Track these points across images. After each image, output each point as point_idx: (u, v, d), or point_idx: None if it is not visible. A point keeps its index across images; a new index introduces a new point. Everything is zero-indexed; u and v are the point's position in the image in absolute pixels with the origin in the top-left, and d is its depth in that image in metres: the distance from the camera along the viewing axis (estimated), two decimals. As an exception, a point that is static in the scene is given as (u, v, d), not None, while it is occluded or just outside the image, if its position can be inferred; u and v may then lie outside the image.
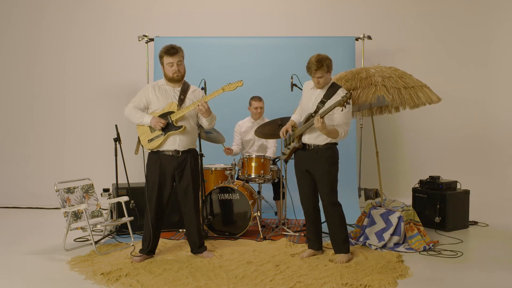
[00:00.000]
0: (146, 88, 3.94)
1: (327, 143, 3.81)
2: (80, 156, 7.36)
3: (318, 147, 3.82)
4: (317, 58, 3.73)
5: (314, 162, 3.83)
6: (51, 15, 7.36)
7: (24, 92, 7.41)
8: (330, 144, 3.83)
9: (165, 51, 3.79)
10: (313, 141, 3.83)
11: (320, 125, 3.58)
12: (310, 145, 3.85)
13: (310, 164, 3.85)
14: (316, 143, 3.82)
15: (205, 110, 3.76)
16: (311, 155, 3.84)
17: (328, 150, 3.82)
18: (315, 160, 3.82)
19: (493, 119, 7.29)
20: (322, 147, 3.81)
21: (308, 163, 3.87)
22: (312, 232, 4.02)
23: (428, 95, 4.54)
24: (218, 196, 4.73)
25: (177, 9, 7.23)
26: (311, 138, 3.84)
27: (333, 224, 3.87)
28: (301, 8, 7.21)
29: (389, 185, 6.68)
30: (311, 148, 3.84)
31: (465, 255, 4.05)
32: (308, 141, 3.85)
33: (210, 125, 3.97)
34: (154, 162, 3.88)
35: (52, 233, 4.86)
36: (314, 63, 3.72)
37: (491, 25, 7.25)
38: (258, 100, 5.36)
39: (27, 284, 3.38)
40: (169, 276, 3.44)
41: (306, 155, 3.88)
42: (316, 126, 3.61)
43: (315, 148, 3.83)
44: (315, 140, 3.82)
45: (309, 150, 3.85)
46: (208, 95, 3.82)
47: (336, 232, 3.87)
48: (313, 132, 3.81)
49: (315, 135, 3.81)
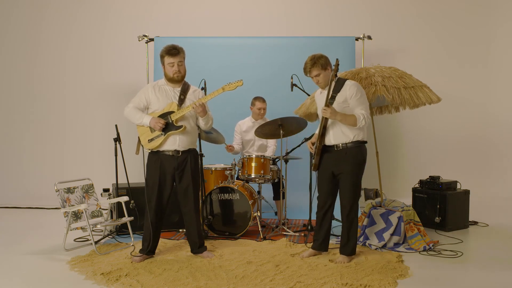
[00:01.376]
0: (146, 88, 3.94)
1: (356, 141, 3.70)
2: (80, 156, 7.37)
3: (347, 146, 3.70)
4: (310, 58, 3.76)
5: (341, 162, 3.72)
6: (51, 15, 7.36)
7: (25, 92, 7.41)
8: (359, 143, 3.73)
9: (167, 51, 3.79)
10: (339, 140, 3.71)
11: (329, 113, 3.53)
12: (338, 145, 3.73)
13: (336, 165, 3.75)
14: (343, 141, 3.70)
15: (202, 110, 3.76)
16: (339, 156, 3.72)
17: (356, 149, 3.72)
18: (343, 160, 3.72)
19: (493, 119, 7.29)
20: (350, 146, 3.71)
21: (334, 164, 3.76)
22: (321, 234, 3.95)
23: (428, 95, 4.54)
24: (218, 196, 4.73)
25: (177, 9, 7.24)
26: (336, 136, 3.73)
27: (349, 229, 3.81)
28: (301, 8, 7.21)
29: (389, 185, 6.68)
30: (340, 148, 3.73)
31: (465, 255, 4.05)
32: (335, 141, 3.74)
33: (206, 126, 3.95)
34: (154, 162, 3.88)
35: (52, 233, 4.86)
36: (308, 62, 3.75)
37: (491, 25, 7.25)
38: (262, 101, 5.36)
39: (27, 284, 3.38)
40: (169, 276, 3.44)
41: (333, 156, 3.76)
42: (326, 116, 3.57)
43: (343, 148, 3.71)
44: (340, 138, 3.71)
45: (338, 151, 3.74)
46: (208, 95, 3.82)
47: (350, 237, 3.82)
48: (335, 129, 3.71)
49: (339, 132, 3.71)
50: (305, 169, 5.39)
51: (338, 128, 3.72)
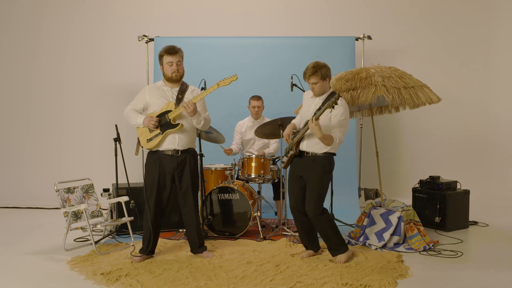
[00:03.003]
0: (144, 90, 3.96)
1: (326, 152, 3.78)
2: (80, 156, 7.36)
3: (316, 155, 3.79)
4: (313, 64, 3.75)
5: (309, 169, 3.80)
6: (51, 15, 7.36)
7: (25, 92, 7.41)
8: (328, 154, 3.80)
9: (165, 51, 3.82)
10: (311, 149, 3.80)
11: (315, 127, 3.57)
12: (308, 152, 3.81)
13: (305, 171, 3.82)
14: (314, 151, 3.79)
15: (192, 109, 3.74)
16: (308, 162, 3.81)
17: (325, 159, 3.80)
18: (311, 167, 3.79)
19: (493, 119, 7.29)
20: (320, 155, 3.79)
21: (303, 169, 3.83)
22: (305, 238, 3.99)
23: (428, 95, 4.54)
24: (218, 196, 4.73)
25: (177, 9, 7.24)
26: (309, 145, 3.81)
27: (324, 231, 3.83)
28: (301, 8, 7.21)
29: (389, 185, 6.68)
30: (309, 155, 3.81)
31: (465, 255, 4.06)
32: (306, 148, 3.82)
33: (199, 125, 3.92)
34: (153, 162, 3.88)
35: (52, 233, 4.86)
36: (309, 69, 3.74)
37: (491, 25, 7.25)
38: (256, 99, 5.35)
39: (27, 284, 3.38)
40: (169, 276, 3.44)
41: (302, 162, 3.84)
42: (310, 127, 3.60)
43: (312, 155, 3.80)
44: (313, 147, 3.79)
45: (307, 157, 3.82)
46: (200, 94, 3.83)
47: (329, 237, 3.83)
48: (311, 139, 3.78)
49: (314, 143, 3.78)
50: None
51: (314, 139, 3.76)
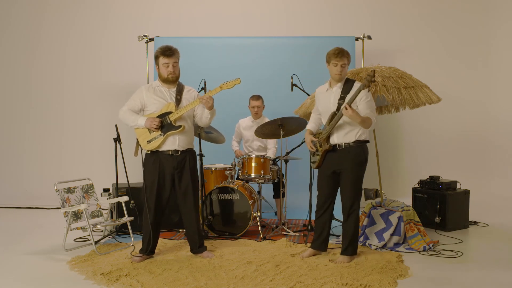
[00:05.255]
0: (140, 90, 3.94)
1: (358, 140, 3.73)
2: (80, 156, 7.36)
3: (349, 145, 3.73)
4: (340, 48, 3.69)
5: (345, 161, 3.74)
6: (51, 15, 7.35)
7: (25, 92, 7.40)
8: (361, 142, 3.75)
9: (161, 52, 3.81)
10: (342, 140, 3.74)
11: (351, 113, 3.51)
12: (341, 144, 3.74)
13: (341, 164, 3.76)
14: (346, 141, 3.73)
15: (212, 102, 3.79)
16: (343, 154, 3.74)
17: (359, 148, 3.75)
18: (346, 159, 3.73)
19: (493, 119, 7.29)
20: (353, 145, 3.73)
21: (338, 163, 3.77)
22: (321, 235, 3.95)
23: (428, 95, 4.54)
24: (218, 196, 4.73)
25: (177, 9, 7.23)
26: (339, 137, 3.74)
27: (351, 229, 3.82)
28: (301, 8, 7.20)
29: (389, 185, 6.67)
30: (342, 148, 3.75)
31: (465, 255, 4.06)
32: (338, 140, 3.75)
33: (211, 120, 3.97)
34: (153, 163, 3.88)
35: (52, 233, 4.86)
36: (338, 50, 3.67)
37: (491, 25, 7.24)
38: (255, 99, 5.36)
39: (27, 284, 3.38)
40: (169, 276, 3.44)
41: (336, 155, 3.77)
42: (347, 115, 3.54)
43: (346, 147, 3.73)
44: (344, 138, 3.73)
45: (340, 150, 3.75)
46: (211, 91, 3.83)
47: (351, 236, 3.82)
48: (340, 130, 3.73)
49: (343, 133, 3.73)
50: (305, 169, 5.39)
51: (342, 128, 3.74)
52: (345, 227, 3.85)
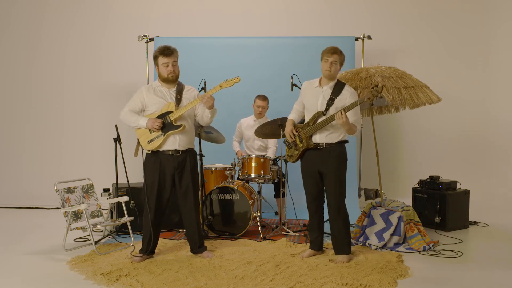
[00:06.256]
0: (141, 90, 3.94)
1: (339, 141, 3.78)
2: (80, 156, 7.36)
3: (331, 145, 3.78)
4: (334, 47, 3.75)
5: (327, 161, 3.78)
6: (51, 15, 7.36)
7: (25, 92, 7.41)
8: (342, 142, 3.81)
9: (160, 52, 3.81)
10: (324, 140, 3.78)
11: (345, 120, 3.56)
12: (322, 144, 3.79)
13: (322, 164, 3.80)
14: (328, 141, 3.78)
15: (213, 101, 3.80)
16: (324, 154, 3.79)
17: (341, 147, 3.81)
18: (328, 159, 3.77)
19: (493, 119, 7.29)
20: (334, 146, 3.78)
21: (320, 163, 3.80)
22: (315, 234, 3.99)
23: (428, 95, 4.54)
24: (218, 196, 4.73)
25: (177, 9, 7.23)
26: (322, 137, 3.79)
27: (338, 227, 3.84)
28: (301, 8, 7.20)
29: (389, 185, 6.68)
30: (323, 147, 3.79)
31: (465, 255, 4.06)
32: (320, 140, 3.80)
33: (211, 120, 3.98)
34: (153, 162, 3.88)
35: (52, 233, 4.86)
36: (333, 47, 3.73)
37: (491, 25, 7.25)
38: (262, 99, 5.36)
39: (27, 284, 3.38)
40: (169, 276, 3.44)
41: (318, 155, 3.81)
42: (340, 122, 3.59)
43: (327, 147, 3.78)
44: (326, 138, 3.78)
45: (321, 150, 3.80)
46: (210, 90, 3.84)
47: (341, 234, 3.85)
48: (324, 131, 3.77)
49: (326, 133, 3.77)
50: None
51: (326, 129, 3.77)
52: (337, 227, 3.86)
